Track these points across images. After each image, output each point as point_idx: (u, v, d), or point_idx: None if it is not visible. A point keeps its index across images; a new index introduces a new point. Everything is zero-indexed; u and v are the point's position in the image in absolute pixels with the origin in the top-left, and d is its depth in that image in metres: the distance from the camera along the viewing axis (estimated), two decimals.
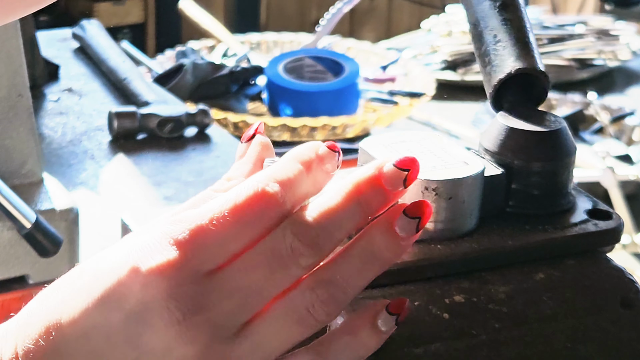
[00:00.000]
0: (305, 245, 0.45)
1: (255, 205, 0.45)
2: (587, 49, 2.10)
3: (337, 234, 0.45)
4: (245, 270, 0.45)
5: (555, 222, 0.52)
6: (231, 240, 0.45)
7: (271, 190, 0.45)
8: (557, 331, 0.49)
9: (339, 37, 2.03)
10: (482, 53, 0.55)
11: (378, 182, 0.46)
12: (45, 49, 1.53)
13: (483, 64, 0.55)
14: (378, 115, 1.71)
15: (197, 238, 0.44)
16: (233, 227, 0.45)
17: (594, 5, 3.15)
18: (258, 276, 0.45)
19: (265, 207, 0.45)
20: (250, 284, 0.45)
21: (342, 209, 0.45)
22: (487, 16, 0.55)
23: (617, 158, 1.60)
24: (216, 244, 0.44)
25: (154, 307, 0.44)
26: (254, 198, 0.45)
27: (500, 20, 0.54)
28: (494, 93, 0.54)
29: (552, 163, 0.52)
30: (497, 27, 0.54)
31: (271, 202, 0.45)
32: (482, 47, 0.55)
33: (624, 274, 0.52)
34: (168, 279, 0.44)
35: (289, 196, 0.45)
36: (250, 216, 0.45)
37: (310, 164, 0.47)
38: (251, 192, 0.45)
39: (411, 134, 0.54)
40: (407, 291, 0.48)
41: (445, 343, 0.47)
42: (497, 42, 0.54)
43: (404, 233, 0.45)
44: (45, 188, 1.07)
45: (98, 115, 1.40)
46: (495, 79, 0.54)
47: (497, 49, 0.54)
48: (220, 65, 1.75)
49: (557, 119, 0.53)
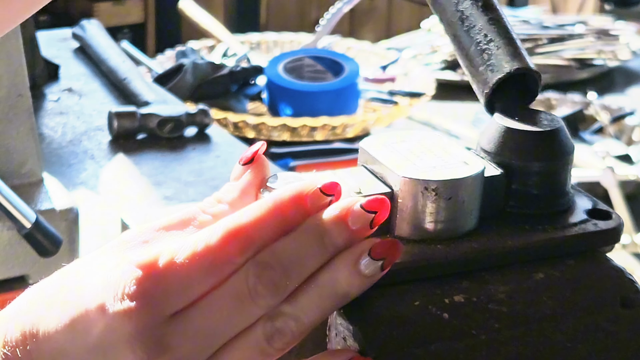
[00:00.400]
0: (267, 289, 0.45)
1: (222, 252, 0.45)
2: (587, 49, 2.10)
3: (299, 274, 0.46)
4: (209, 312, 0.46)
5: (555, 222, 0.52)
6: (196, 284, 0.45)
7: (237, 242, 0.45)
8: (557, 331, 0.49)
9: (339, 37, 2.03)
10: (471, 52, 0.54)
11: (344, 223, 0.46)
12: (45, 48, 1.53)
13: (473, 64, 0.54)
14: (378, 115, 1.71)
15: (164, 282, 0.45)
16: (199, 271, 0.45)
17: (593, 5, 3.15)
18: (220, 318, 0.46)
19: (231, 256, 0.45)
20: (212, 325, 0.46)
21: (306, 249, 0.46)
22: (471, 15, 0.54)
23: (617, 158, 1.60)
24: (182, 287, 0.45)
25: (117, 347, 0.45)
26: (221, 244, 0.45)
27: (487, 20, 0.54)
28: (490, 93, 0.54)
29: (551, 163, 0.52)
30: (486, 27, 0.54)
31: (237, 251, 0.45)
32: (471, 46, 0.54)
33: (623, 273, 0.52)
34: (133, 322, 0.45)
35: (257, 243, 0.45)
36: (216, 263, 0.45)
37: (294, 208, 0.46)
38: (218, 239, 0.45)
39: (411, 134, 0.54)
40: (407, 291, 0.48)
41: (445, 343, 0.47)
42: (489, 41, 0.54)
43: (367, 271, 0.46)
44: (45, 188, 1.07)
45: (98, 115, 1.40)
46: (494, 79, 0.54)
47: (490, 49, 0.54)
48: (220, 65, 1.75)
49: (554, 119, 0.53)
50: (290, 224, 0.46)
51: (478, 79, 0.54)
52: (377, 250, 0.46)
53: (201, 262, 0.45)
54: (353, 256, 0.46)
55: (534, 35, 2.08)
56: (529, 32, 2.08)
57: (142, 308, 0.45)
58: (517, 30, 2.06)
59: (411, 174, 0.49)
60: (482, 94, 0.54)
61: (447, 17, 0.55)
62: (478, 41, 0.54)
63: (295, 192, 0.46)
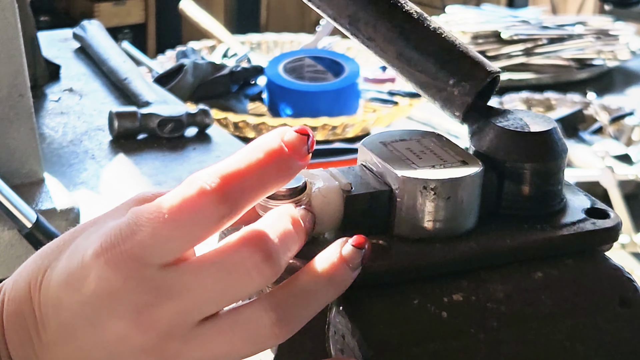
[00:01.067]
0: (264, 263, 0.45)
1: (195, 205, 0.45)
2: (586, 49, 2.10)
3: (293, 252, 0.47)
4: (195, 271, 0.46)
5: (554, 222, 0.52)
6: (181, 234, 0.45)
7: (208, 188, 0.45)
8: (556, 330, 0.49)
9: (339, 37, 2.03)
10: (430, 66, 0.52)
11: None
12: (46, 49, 1.53)
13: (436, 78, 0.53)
14: (378, 115, 1.71)
15: (150, 232, 0.45)
16: (181, 222, 0.45)
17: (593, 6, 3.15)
18: (212, 280, 0.45)
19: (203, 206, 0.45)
20: (201, 285, 0.45)
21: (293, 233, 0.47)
22: (415, 28, 0.53)
23: (616, 158, 1.60)
24: (167, 239, 0.45)
25: (106, 298, 0.45)
26: (195, 195, 0.45)
27: (432, 31, 0.53)
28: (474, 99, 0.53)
29: (544, 164, 0.52)
30: (435, 36, 0.53)
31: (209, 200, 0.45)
32: (429, 59, 0.53)
33: (622, 273, 0.52)
34: (120, 271, 0.45)
35: (231, 192, 0.45)
36: (190, 213, 0.45)
37: (272, 155, 0.47)
38: (191, 190, 0.45)
39: (411, 133, 0.54)
40: (406, 290, 0.48)
41: (443, 342, 0.47)
42: (450, 51, 0.53)
43: (352, 263, 0.47)
44: (46, 188, 1.07)
45: (99, 115, 1.40)
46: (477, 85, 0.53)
47: (452, 58, 0.53)
48: (221, 66, 1.75)
49: (547, 120, 0.54)
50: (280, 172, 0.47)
51: (454, 89, 0.53)
52: (356, 242, 0.47)
53: (181, 211, 0.45)
54: (336, 247, 0.47)
55: (533, 36, 2.08)
56: (529, 32, 2.08)
57: (134, 256, 0.45)
58: (517, 30, 2.06)
59: (410, 173, 0.49)
60: (459, 104, 0.53)
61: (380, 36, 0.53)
62: (437, 52, 0.53)
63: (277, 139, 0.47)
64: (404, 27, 0.53)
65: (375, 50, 0.54)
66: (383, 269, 0.48)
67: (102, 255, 0.45)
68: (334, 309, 0.48)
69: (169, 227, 0.45)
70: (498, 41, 2.06)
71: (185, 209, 0.45)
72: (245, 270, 0.45)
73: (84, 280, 0.46)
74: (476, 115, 0.53)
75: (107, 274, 0.45)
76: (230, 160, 0.46)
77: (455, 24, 2.11)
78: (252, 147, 0.47)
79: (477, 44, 2.04)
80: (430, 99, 0.54)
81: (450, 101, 0.53)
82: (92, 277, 0.46)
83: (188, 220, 0.45)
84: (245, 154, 0.46)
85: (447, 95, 0.53)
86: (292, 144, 0.46)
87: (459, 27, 2.10)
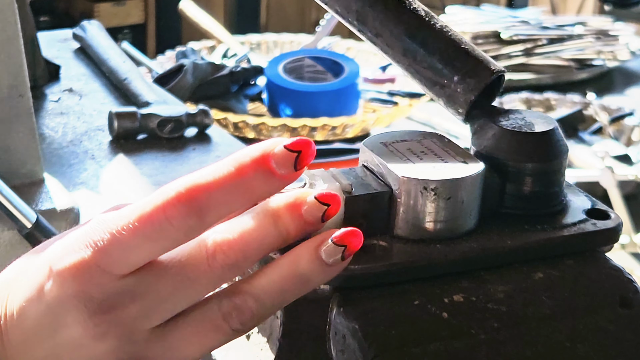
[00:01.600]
0: (225, 255, 0.45)
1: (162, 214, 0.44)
2: (586, 50, 2.10)
3: (254, 254, 0.46)
4: (156, 275, 0.45)
5: (554, 222, 0.52)
6: (145, 245, 0.45)
7: (178, 199, 0.44)
8: (556, 331, 0.49)
9: (338, 37, 2.03)
10: (435, 63, 0.53)
11: (298, 210, 0.46)
12: (46, 49, 1.53)
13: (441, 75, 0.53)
14: (377, 116, 1.71)
15: (112, 241, 0.45)
16: (143, 233, 0.45)
17: (593, 6, 3.15)
18: (168, 283, 0.45)
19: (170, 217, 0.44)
20: (160, 290, 0.45)
21: (260, 231, 0.46)
22: (422, 25, 0.53)
23: (616, 158, 1.60)
24: (129, 248, 0.45)
25: (65, 305, 0.45)
26: (162, 206, 0.44)
27: (438, 30, 0.53)
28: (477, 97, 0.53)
29: (545, 164, 0.52)
30: (441, 34, 0.53)
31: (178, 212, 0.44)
32: (435, 55, 0.53)
33: (622, 273, 0.52)
34: (78, 278, 0.45)
35: (201, 204, 0.44)
36: (159, 224, 0.44)
37: (244, 170, 0.45)
38: (159, 201, 0.45)
39: (412, 133, 0.54)
40: (406, 290, 0.48)
41: (444, 342, 0.47)
42: (456, 49, 0.53)
43: (329, 258, 0.46)
44: (45, 188, 1.07)
45: (98, 116, 1.40)
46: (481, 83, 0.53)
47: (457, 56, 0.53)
48: (221, 66, 1.75)
49: (548, 120, 0.54)
50: (253, 189, 0.45)
51: (457, 87, 0.53)
52: (338, 237, 0.46)
53: (146, 222, 0.44)
54: (315, 241, 0.46)
55: (533, 36, 2.08)
56: (529, 32, 2.08)
57: (87, 264, 0.45)
58: (517, 30, 2.07)
59: (410, 174, 0.49)
60: (462, 102, 0.53)
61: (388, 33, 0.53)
62: (443, 49, 0.53)
63: (258, 152, 0.45)
64: (410, 24, 0.53)
65: (381, 46, 0.54)
66: (384, 270, 0.48)
67: (61, 261, 0.45)
68: (334, 310, 0.48)
69: (135, 236, 0.44)
70: (498, 41, 2.06)
71: (152, 219, 0.44)
72: (208, 269, 0.45)
73: (44, 286, 0.46)
74: (479, 114, 0.53)
75: (67, 279, 0.45)
76: (203, 171, 0.45)
77: (455, 24, 2.11)
78: (229, 160, 0.45)
79: (477, 44, 2.04)
80: (435, 96, 0.54)
81: (454, 98, 0.53)
82: (53, 283, 0.46)
83: (154, 230, 0.44)
84: (220, 166, 0.45)
85: (451, 92, 0.53)
86: (277, 160, 0.45)
87: (458, 27, 2.09)
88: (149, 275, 0.45)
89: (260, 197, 0.46)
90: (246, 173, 0.45)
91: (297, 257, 0.46)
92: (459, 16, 2.18)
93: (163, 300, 0.45)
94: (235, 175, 0.45)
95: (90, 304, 0.45)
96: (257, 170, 0.45)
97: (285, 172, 0.45)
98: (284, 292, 0.46)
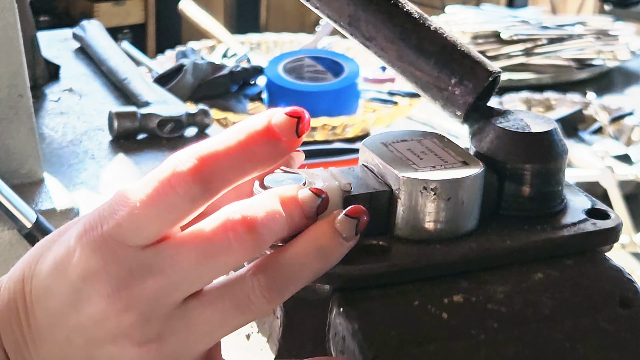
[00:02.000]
0: (247, 235, 0.45)
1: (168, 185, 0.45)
2: (586, 49, 2.10)
3: (275, 232, 0.46)
4: (176, 248, 0.45)
5: (554, 222, 0.52)
6: (156, 215, 0.45)
7: (183, 168, 0.45)
8: (556, 331, 0.49)
9: (338, 37, 2.03)
10: (432, 65, 0.53)
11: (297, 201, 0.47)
12: (45, 49, 1.53)
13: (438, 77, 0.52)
14: (377, 115, 1.71)
15: (125, 214, 0.45)
16: (155, 203, 0.45)
17: (593, 6, 3.15)
18: (188, 256, 0.45)
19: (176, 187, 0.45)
20: (180, 263, 0.45)
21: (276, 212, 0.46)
22: (417, 27, 0.53)
23: (616, 158, 1.60)
24: (141, 220, 0.45)
25: (87, 280, 0.45)
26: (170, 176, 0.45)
27: (434, 32, 0.53)
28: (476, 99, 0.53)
29: (545, 164, 0.52)
30: (436, 36, 0.53)
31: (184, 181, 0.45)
32: (431, 58, 0.53)
33: (622, 273, 0.52)
34: (97, 253, 0.45)
35: (207, 173, 0.45)
36: (165, 194, 0.45)
37: (254, 137, 0.46)
38: (166, 172, 0.45)
39: (412, 133, 0.54)
40: (406, 291, 0.48)
41: (443, 343, 0.47)
42: (452, 50, 0.53)
43: (345, 233, 0.47)
44: (45, 188, 1.07)
45: (98, 115, 1.40)
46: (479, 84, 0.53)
47: (454, 58, 0.53)
48: (220, 66, 1.75)
49: (548, 120, 0.54)
50: (260, 156, 0.46)
51: (455, 89, 0.52)
52: (350, 210, 0.47)
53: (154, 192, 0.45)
54: (330, 218, 0.47)
55: (533, 36, 2.08)
56: (529, 32, 2.08)
57: (111, 237, 0.45)
58: (517, 30, 2.06)
59: (410, 174, 0.49)
60: (460, 104, 0.53)
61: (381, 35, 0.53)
62: (438, 51, 0.53)
63: (264, 120, 0.47)
64: (405, 26, 0.53)
65: (375, 50, 0.54)
66: (383, 270, 0.48)
67: (84, 237, 0.46)
68: (334, 310, 0.48)
69: (144, 208, 0.45)
70: (498, 41, 2.06)
71: (158, 190, 0.45)
72: (228, 242, 0.45)
73: (68, 262, 0.46)
74: (477, 116, 0.53)
75: (87, 255, 0.45)
76: (210, 140, 0.46)
77: (455, 24, 2.11)
78: (236, 128, 0.46)
79: (477, 44, 2.04)
80: (431, 99, 0.54)
81: (452, 101, 0.53)
82: (75, 260, 0.46)
83: (162, 201, 0.45)
84: (227, 134, 0.46)
85: (449, 94, 0.53)
86: (280, 127, 0.46)
87: (458, 27, 2.10)
88: (169, 248, 0.45)
89: (266, 163, 0.47)
90: (254, 140, 0.46)
91: (318, 233, 0.47)
92: (459, 16, 2.18)
93: (183, 273, 0.45)
94: (244, 143, 0.46)
95: (112, 278, 0.45)
96: (264, 137, 0.46)
97: (288, 138, 0.47)
98: (307, 269, 0.46)
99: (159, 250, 0.45)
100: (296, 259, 0.46)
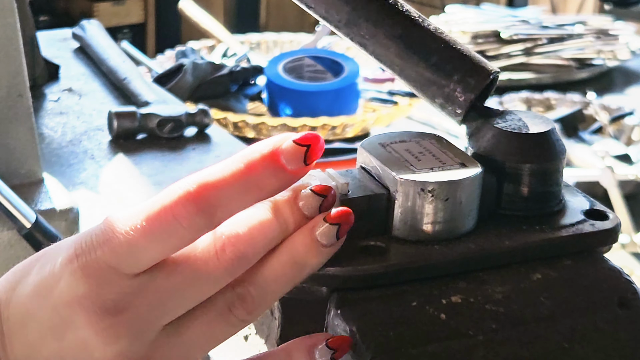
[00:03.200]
0: (234, 254, 0.45)
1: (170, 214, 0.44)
2: (586, 49, 2.10)
3: (261, 247, 0.46)
4: (167, 273, 0.45)
5: (553, 223, 0.52)
6: (155, 245, 0.45)
7: (186, 198, 0.44)
8: (554, 331, 0.49)
9: (338, 37, 2.03)
10: (433, 63, 0.53)
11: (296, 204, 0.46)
12: (45, 49, 1.53)
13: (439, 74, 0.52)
14: (377, 115, 1.71)
15: (122, 241, 0.44)
16: (155, 233, 0.44)
17: (593, 5, 3.15)
18: (179, 279, 0.45)
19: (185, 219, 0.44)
20: (171, 287, 0.45)
21: (264, 224, 0.46)
22: (416, 26, 0.53)
23: (616, 158, 1.60)
24: (139, 249, 0.44)
25: (74, 306, 0.45)
26: (171, 206, 0.44)
27: (433, 31, 0.53)
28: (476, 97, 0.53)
29: (543, 164, 0.52)
30: (435, 35, 0.53)
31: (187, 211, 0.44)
32: (433, 56, 0.53)
33: (621, 274, 0.52)
34: (89, 278, 0.44)
35: (209, 202, 0.44)
36: (167, 224, 0.44)
37: (254, 166, 0.45)
38: (168, 200, 0.45)
39: (410, 134, 0.54)
40: (404, 291, 0.48)
41: (442, 343, 0.47)
42: (452, 49, 0.53)
43: (324, 239, 0.46)
44: (45, 188, 1.07)
45: (98, 115, 1.40)
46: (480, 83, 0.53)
47: (454, 56, 0.53)
48: (220, 65, 1.75)
49: (546, 120, 0.54)
50: (263, 185, 0.45)
51: (455, 87, 0.52)
52: (330, 216, 0.46)
53: (155, 222, 0.44)
54: (309, 225, 0.46)
55: (533, 35, 2.08)
56: (529, 32, 2.08)
57: (100, 264, 0.44)
58: (517, 30, 2.06)
59: (408, 176, 0.49)
60: (461, 102, 0.53)
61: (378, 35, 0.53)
62: (440, 50, 0.53)
63: (268, 148, 0.45)
64: (405, 25, 0.53)
65: (372, 49, 0.53)
66: (381, 271, 0.48)
67: (74, 261, 0.45)
68: (332, 312, 0.48)
69: (144, 236, 0.44)
70: (498, 41, 2.06)
71: (161, 219, 0.44)
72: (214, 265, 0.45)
73: (54, 287, 0.45)
74: (474, 116, 0.53)
75: (76, 280, 0.44)
76: (211, 169, 0.45)
77: (455, 24, 2.11)
78: (237, 157, 0.45)
79: (477, 44, 2.04)
80: (430, 99, 0.53)
81: (452, 99, 0.53)
82: (63, 284, 0.45)
83: (164, 231, 0.44)
84: (229, 163, 0.45)
85: (449, 93, 0.53)
86: (286, 155, 0.45)
87: (458, 26, 2.09)
88: (161, 273, 0.45)
89: (270, 193, 0.46)
90: (256, 170, 0.45)
91: (294, 243, 0.46)
92: (459, 15, 2.18)
93: (175, 297, 0.45)
94: (244, 173, 0.45)
95: (101, 305, 0.44)
96: (267, 167, 0.45)
97: (295, 167, 0.45)
98: (285, 278, 0.46)
99: (150, 276, 0.45)
100: (271, 271, 0.46)
